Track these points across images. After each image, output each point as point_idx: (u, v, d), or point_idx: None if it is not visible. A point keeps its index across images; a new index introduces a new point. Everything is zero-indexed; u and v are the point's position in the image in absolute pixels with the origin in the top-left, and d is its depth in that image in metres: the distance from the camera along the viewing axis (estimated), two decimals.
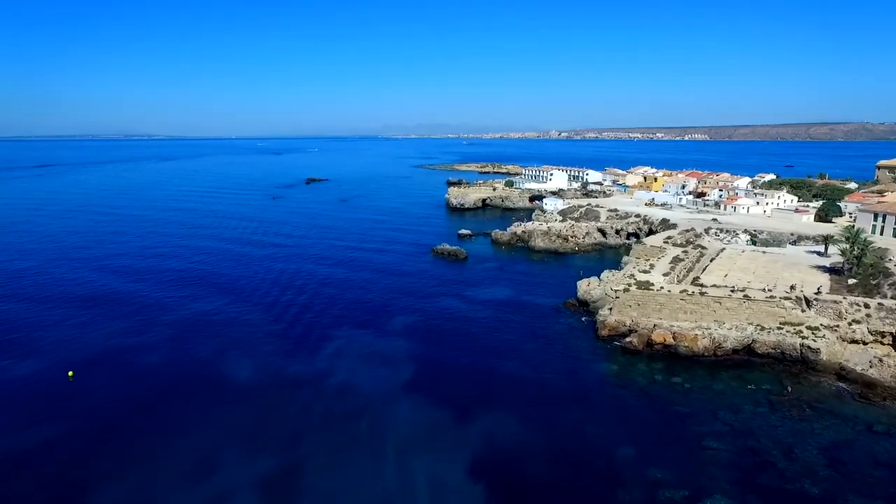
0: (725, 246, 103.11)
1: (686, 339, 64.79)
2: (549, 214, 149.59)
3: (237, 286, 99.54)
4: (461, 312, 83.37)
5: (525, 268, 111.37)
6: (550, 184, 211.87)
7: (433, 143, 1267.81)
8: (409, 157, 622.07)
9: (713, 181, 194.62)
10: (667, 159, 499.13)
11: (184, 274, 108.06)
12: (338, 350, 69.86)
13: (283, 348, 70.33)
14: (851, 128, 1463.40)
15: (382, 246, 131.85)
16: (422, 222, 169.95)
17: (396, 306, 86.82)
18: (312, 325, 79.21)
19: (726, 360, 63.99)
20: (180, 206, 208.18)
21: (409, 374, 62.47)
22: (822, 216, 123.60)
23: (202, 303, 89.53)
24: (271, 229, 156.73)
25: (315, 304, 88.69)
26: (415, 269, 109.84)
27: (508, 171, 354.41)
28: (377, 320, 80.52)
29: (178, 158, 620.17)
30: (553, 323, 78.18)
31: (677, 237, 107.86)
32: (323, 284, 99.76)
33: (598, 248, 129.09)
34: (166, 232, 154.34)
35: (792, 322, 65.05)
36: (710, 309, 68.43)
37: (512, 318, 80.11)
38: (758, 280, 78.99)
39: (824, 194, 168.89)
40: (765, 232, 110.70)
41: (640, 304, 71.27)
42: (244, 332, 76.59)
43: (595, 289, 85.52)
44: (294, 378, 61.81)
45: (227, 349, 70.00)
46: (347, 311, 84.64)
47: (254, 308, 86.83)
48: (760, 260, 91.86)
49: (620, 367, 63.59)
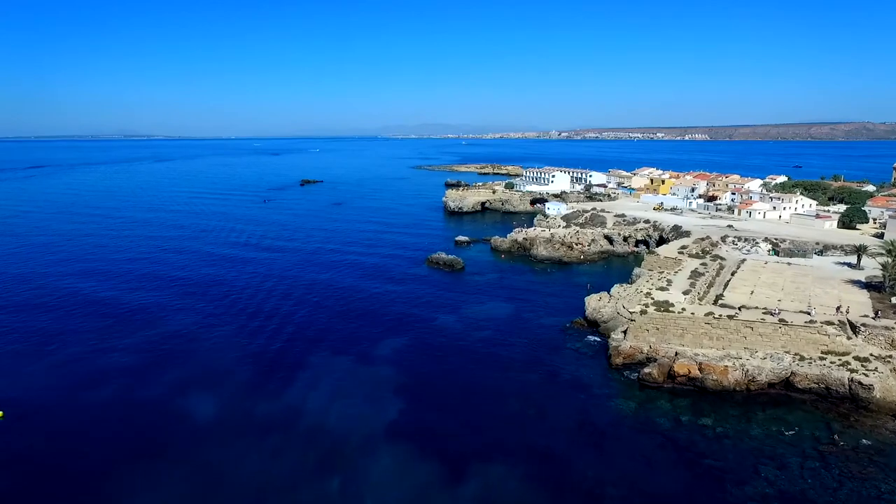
0: (745, 256, 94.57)
1: (714, 372, 56.19)
2: (552, 219, 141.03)
3: (212, 300, 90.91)
4: (456, 334, 74.73)
5: (527, 279, 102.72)
6: (552, 186, 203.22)
7: (432, 143, 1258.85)
8: (407, 157, 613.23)
9: (722, 183, 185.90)
10: (668, 160, 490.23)
11: (155, 284, 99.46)
12: (315, 381, 61.24)
13: (253, 379, 61.69)
14: (852, 127, 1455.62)
15: (374, 255, 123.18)
16: (417, 227, 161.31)
17: (385, 325, 78.19)
18: (289, 347, 70.61)
19: (761, 396, 55.40)
20: (165, 209, 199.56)
21: (395, 413, 53.83)
22: (847, 222, 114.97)
23: (170, 320, 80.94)
24: (256, 235, 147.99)
25: (294, 321, 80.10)
26: (407, 281, 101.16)
27: (508, 173, 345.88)
28: (362, 342, 71.89)
29: (173, 159, 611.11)
30: (559, 347, 69.52)
31: (692, 246, 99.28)
32: (305, 298, 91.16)
33: (605, 256, 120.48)
34: (144, 236, 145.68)
35: (836, 351, 56.45)
36: (739, 335, 59.82)
37: (513, 342, 71.46)
38: (788, 298, 70.47)
39: (841, 197, 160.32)
40: (787, 240, 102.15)
41: (658, 329, 62.66)
42: (213, 357, 67.99)
43: (605, 306, 76.90)
44: (261, 420, 53.15)
45: (191, 381, 61.36)
46: (330, 331, 76.03)
47: (227, 326, 78.26)
48: (787, 273, 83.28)
49: (639, 404, 54.97)
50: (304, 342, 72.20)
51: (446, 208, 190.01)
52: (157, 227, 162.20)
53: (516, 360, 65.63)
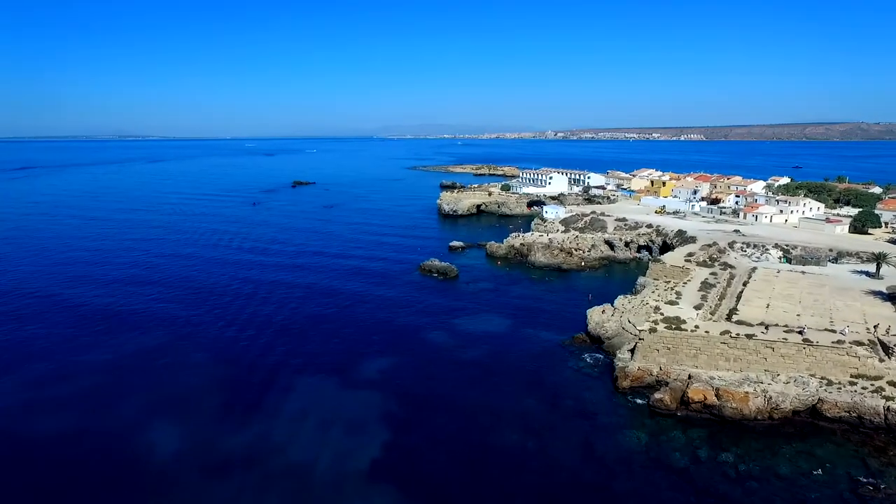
0: (756, 264, 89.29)
1: (734, 399, 50.74)
2: (550, 223, 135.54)
3: (187, 308, 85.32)
4: (449, 352, 69.08)
5: (524, 289, 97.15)
6: (550, 188, 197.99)
7: (428, 143, 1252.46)
8: (402, 158, 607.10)
9: (724, 185, 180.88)
10: (665, 160, 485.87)
11: (129, 291, 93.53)
12: (292, 407, 55.53)
13: (224, 408, 55.89)
14: (847, 128, 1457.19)
15: (363, 262, 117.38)
16: (410, 231, 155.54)
17: (372, 342, 72.50)
18: (266, 366, 64.87)
19: (786, 426, 49.95)
20: (150, 211, 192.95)
21: (379, 450, 48.13)
22: (859, 227, 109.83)
23: (141, 333, 75.27)
24: (242, 239, 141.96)
25: (273, 334, 74.38)
26: (398, 291, 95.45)
27: (504, 174, 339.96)
28: (347, 362, 66.17)
29: (166, 160, 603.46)
30: (560, 367, 63.96)
31: (699, 253, 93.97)
32: (286, 308, 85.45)
33: (606, 262, 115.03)
34: (124, 238, 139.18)
35: (868, 375, 51.13)
36: (759, 356, 54.43)
37: (510, 360, 65.87)
38: (807, 312, 65.13)
39: (847, 199, 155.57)
40: (798, 247, 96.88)
41: (670, 349, 57.21)
42: (183, 380, 62.18)
43: (609, 320, 71.43)
44: (229, 457, 47.35)
45: (157, 410, 55.51)
46: (311, 348, 70.29)
47: (200, 342, 72.47)
48: (802, 283, 78.00)
49: (650, 435, 49.45)
50: (283, 360, 66.46)
51: (441, 211, 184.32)
52: (140, 230, 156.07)
53: (513, 383, 60.03)
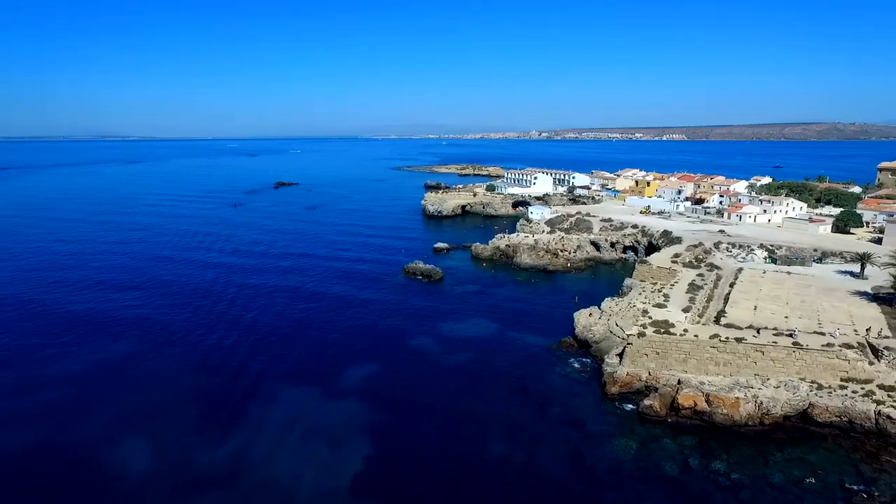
0: (742, 265, 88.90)
1: (724, 405, 49.68)
2: (536, 224, 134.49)
3: (163, 313, 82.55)
4: (433, 358, 67.32)
5: (510, 291, 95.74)
6: (534, 188, 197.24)
7: (413, 143, 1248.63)
8: (387, 158, 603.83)
9: (708, 185, 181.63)
10: (648, 160, 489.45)
11: (101, 296, 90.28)
12: (270, 420, 53.34)
13: (197, 420, 53.56)
14: (824, 128, 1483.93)
15: (347, 264, 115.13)
16: (395, 233, 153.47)
17: (354, 348, 70.48)
18: (244, 375, 62.59)
19: (777, 432, 49.03)
20: (125, 213, 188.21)
21: (361, 464, 46.20)
22: (841, 227, 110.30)
23: (113, 341, 72.48)
24: (221, 243, 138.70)
25: (251, 341, 72.03)
26: (382, 294, 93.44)
27: (489, 174, 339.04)
28: (329, 370, 64.09)
29: (145, 161, 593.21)
30: (548, 372, 62.54)
31: (685, 254, 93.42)
32: (265, 313, 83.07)
33: (592, 263, 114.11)
34: (97, 241, 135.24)
35: (858, 379, 50.43)
36: (749, 360, 53.52)
37: (496, 367, 64.29)
38: (795, 314, 64.58)
39: (828, 199, 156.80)
40: (783, 247, 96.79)
41: (659, 353, 56.09)
42: (158, 391, 59.62)
43: (596, 324, 70.26)
44: (201, 476, 45.10)
45: (128, 424, 53.00)
46: (291, 355, 68.07)
47: (178, 349, 69.86)
48: (788, 284, 77.62)
49: (640, 444, 48.16)
50: (261, 369, 64.18)
51: (425, 212, 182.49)
52: (114, 232, 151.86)
53: (500, 390, 58.47)
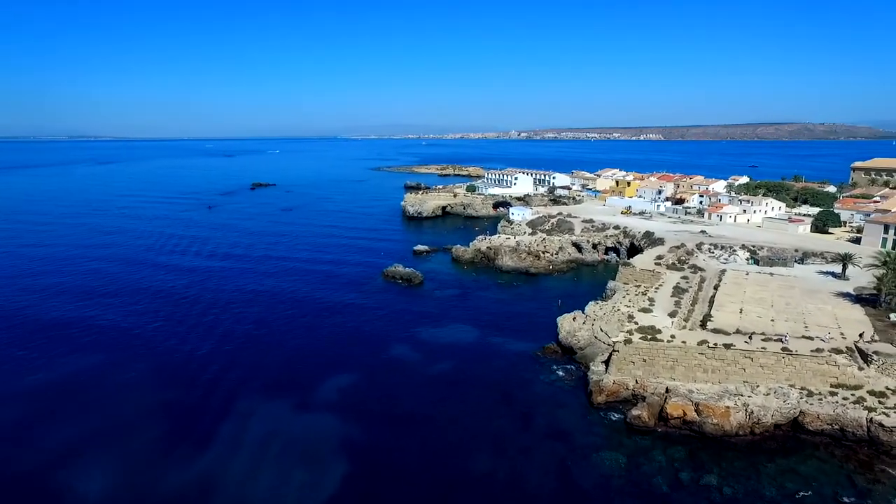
0: (724, 266, 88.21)
1: (714, 414, 48.19)
2: (517, 226, 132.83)
3: (128, 322, 78.68)
4: (414, 367, 64.88)
5: (492, 295, 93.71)
6: (515, 189, 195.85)
7: (393, 143, 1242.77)
8: (366, 158, 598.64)
9: (687, 185, 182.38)
10: (627, 159, 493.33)
11: (65, 305, 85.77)
12: (241, 437, 50.36)
13: (162, 438, 50.34)
14: (795, 128, 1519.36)
15: (324, 268, 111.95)
16: (373, 235, 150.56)
17: (331, 357, 67.67)
18: (214, 388, 59.42)
19: (768, 441, 47.70)
20: (94, 215, 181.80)
21: (339, 483, 43.59)
22: (820, 226, 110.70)
23: (75, 353, 68.54)
24: (195, 246, 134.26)
25: (223, 351, 68.74)
26: (360, 299, 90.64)
27: (469, 174, 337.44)
28: (304, 381, 61.22)
29: (117, 162, 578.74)
30: (532, 381, 60.56)
31: (668, 256, 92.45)
32: (238, 320, 79.71)
33: (574, 265, 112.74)
34: (61, 244, 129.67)
35: (848, 385, 49.40)
36: (738, 366, 52.19)
37: (479, 375, 62.11)
38: (780, 317, 63.73)
39: (804, 198, 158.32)
40: (765, 247, 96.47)
41: (646, 361, 54.48)
42: (121, 407, 56.19)
43: (581, 329, 68.52)
44: (168, 499, 42.04)
45: (89, 443, 49.64)
46: (264, 366, 65.00)
47: (143, 361, 66.27)
48: (772, 285, 76.96)
49: (629, 457, 46.37)
50: (234, 380, 61.04)
51: (405, 213, 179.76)
52: (81, 236, 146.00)
53: (483, 401, 56.28)
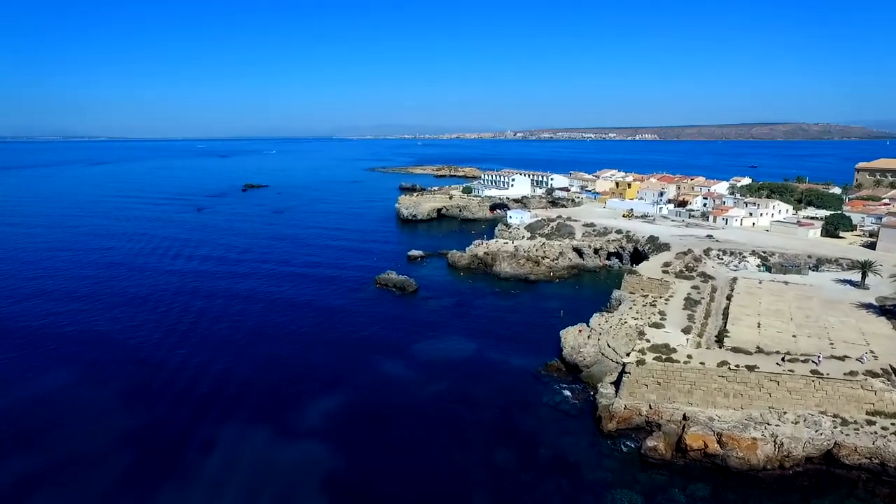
0: (735, 273, 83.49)
1: (739, 446, 43.33)
2: (515, 230, 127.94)
3: (101, 336, 73.63)
4: (406, 388, 59.81)
5: (490, 304, 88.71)
6: (512, 190, 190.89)
7: (388, 143, 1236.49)
8: (361, 159, 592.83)
9: (688, 186, 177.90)
10: (623, 160, 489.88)
11: (31, 316, 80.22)
12: (215, 471, 45.26)
13: (130, 470, 45.16)
14: (789, 128, 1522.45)
15: (313, 275, 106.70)
16: (367, 238, 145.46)
17: (317, 377, 62.53)
18: (187, 413, 54.28)
19: (799, 477, 42.84)
20: (79, 217, 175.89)
21: None
22: (831, 230, 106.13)
23: (39, 371, 63.28)
24: (180, 250, 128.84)
25: (199, 370, 63.53)
26: (350, 310, 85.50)
27: (466, 175, 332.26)
28: (285, 404, 56.10)
29: (110, 162, 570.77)
30: (534, 404, 55.59)
31: (675, 262, 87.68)
32: (219, 335, 74.48)
33: (575, 271, 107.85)
34: (40, 249, 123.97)
35: (887, 412, 44.64)
36: (762, 390, 47.36)
37: (476, 398, 57.12)
38: (802, 332, 58.96)
39: (809, 200, 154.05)
40: (776, 253, 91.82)
41: (660, 384, 49.59)
42: (82, 434, 51.03)
43: (586, 344, 63.60)
44: None
45: (43, 479, 44.40)
46: (244, 387, 59.84)
47: (112, 383, 61.00)
48: (788, 296, 72.22)
49: (644, 495, 41.47)
50: (209, 405, 55.86)
51: (399, 216, 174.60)
52: (63, 238, 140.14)
53: (481, 429, 51.27)
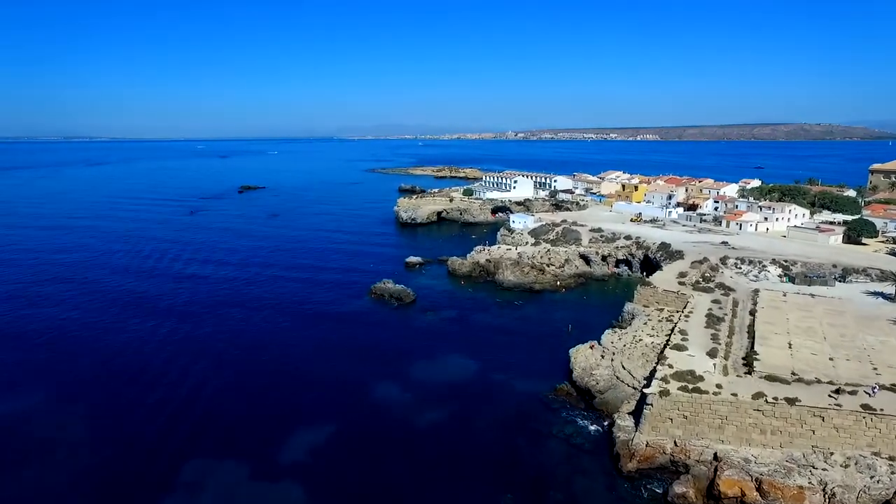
0: (756, 284, 77.74)
1: (784, 496, 37.59)
2: (518, 235, 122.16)
3: (76, 357, 67.60)
4: (401, 416, 54.08)
5: (492, 317, 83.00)
6: (514, 193, 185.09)
7: (389, 144, 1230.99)
8: (361, 159, 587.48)
9: (696, 188, 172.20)
10: (625, 160, 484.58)
11: None
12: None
13: None
14: (791, 128, 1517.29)
15: (304, 284, 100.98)
16: (364, 243, 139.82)
17: (301, 403, 56.83)
18: (163, 449, 48.51)
19: None
20: (68, 218, 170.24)
21: None
22: (853, 237, 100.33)
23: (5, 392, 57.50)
24: (165, 257, 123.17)
25: (173, 393, 57.92)
26: (342, 324, 79.80)
27: (466, 176, 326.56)
28: (266, 437, 50.36)
29: (108, 163, 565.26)
30: (543, 436, 49.86)
31: (691, 273, 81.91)
32: (197, 355, 68.49)
33: (582, 280, 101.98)
34: (19, 247, 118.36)
35: None
36: (805, 427, 41.63)
37: (478, 428, 51.42)
38: (839, 353, 53.21)
39: (823, 203, 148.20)
40: (798, 262, 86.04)
41: (687, 417, 43.85)
42: (45, 479, 45.31)
43: (599, 365, 57.92)
44: None
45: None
46: (221, 414, 54.18)
47: (75, 407, 55.52)
48: (817, 311, 66.40)
49: None
50: (181, 434, 50.22)
51: (398, 219, 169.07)
52: (44, 240, 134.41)
53: (484, 467, 45.53)
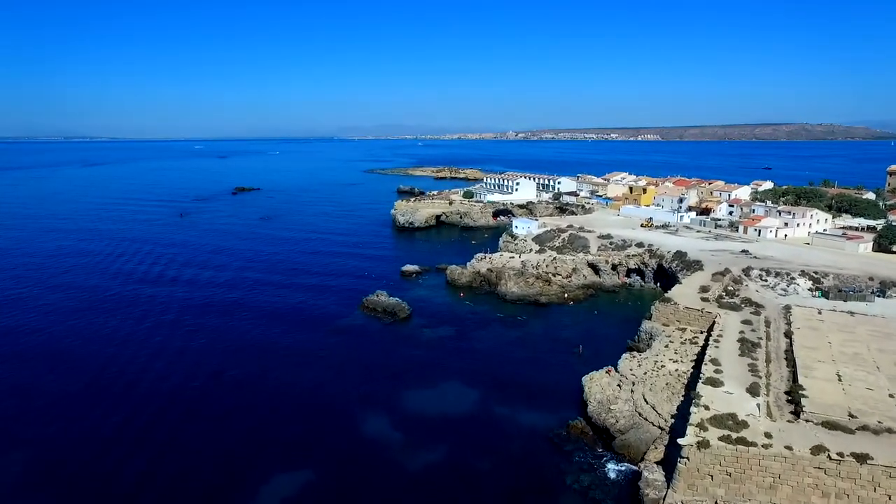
0: (785, 300, 70.33)
1: None
2: (521, 241, 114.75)
3: (31, 379, 60.20)
4: (391, 457, 46.72)
5: (494, 335, 75.56)
6: (517, 195, 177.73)
7: (389, 144, 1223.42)
8: (360, 160, 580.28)
9: (706, 190, 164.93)
10: (627, 161, 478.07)
11: None
12: None
13: None
14: (793, 128, 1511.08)
15: (292, 295, 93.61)
16: (358, 249, 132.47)
17: (278, 442, 49.43)
18: (115, 494, 41.22)
19: None
20: (46, 219, 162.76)
21: None
22: (884, 245, 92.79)
23: None
24: (147, 263, 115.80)
25: (134, 428, 50.47)
26: (329, 343, 72.36)
27: (467, 177, 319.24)
28: (236, 483, 43.08)
29: (105, 164, 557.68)
30: (555, 486, 42.44)
31: (713, 286, 74.46)
32: (166, 377, 61.17)
33: (590, 291, 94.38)
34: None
35: None
36: (879, 490, 34.26)
37: (478, 474, 44.01)
38: (894, 383, 45.86)
39: (840, 206, 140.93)
40: (829, 274, 78.65)
41: (731, 475, 36.48)
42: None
43: (617, 399, 50.58)
44: None
45: None
46: (188, 453, 46.83)
47: (20, 447, 48.00)
48: (860, 332, 58.95)
49: None
50: (146, 483, 42.79)
51: (395, 223, 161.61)
52: (26, 243, 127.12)
53: None
